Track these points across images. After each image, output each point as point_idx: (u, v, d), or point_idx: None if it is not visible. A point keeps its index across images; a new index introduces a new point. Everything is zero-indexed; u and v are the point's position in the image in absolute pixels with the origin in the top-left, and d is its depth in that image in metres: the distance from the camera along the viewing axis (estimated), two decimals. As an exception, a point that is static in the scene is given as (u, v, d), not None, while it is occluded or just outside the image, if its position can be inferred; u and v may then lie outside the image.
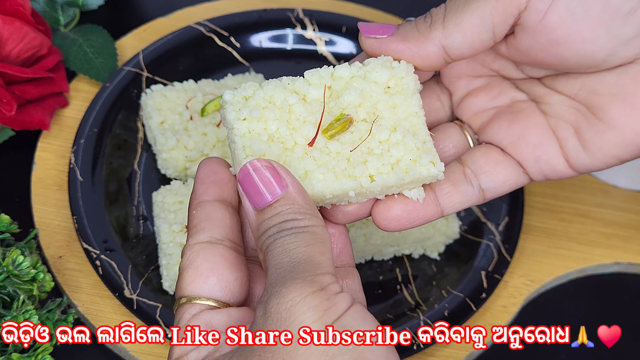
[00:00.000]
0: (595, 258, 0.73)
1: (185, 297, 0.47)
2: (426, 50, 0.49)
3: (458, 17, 0.48)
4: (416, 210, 0.52)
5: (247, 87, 0.50)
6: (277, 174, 0.46)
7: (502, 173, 0.54)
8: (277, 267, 0.44)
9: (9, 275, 0.58)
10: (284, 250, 0.44)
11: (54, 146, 0.74)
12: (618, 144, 0.51)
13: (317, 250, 0.45)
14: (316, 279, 0.43)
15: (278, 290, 0.43)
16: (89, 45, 0.79)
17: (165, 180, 0.73)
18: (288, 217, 0.46)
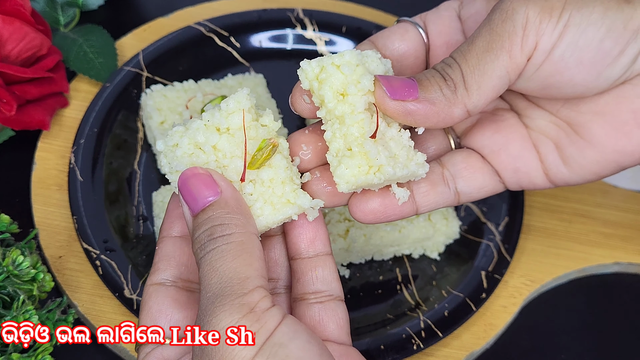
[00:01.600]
0: (595, 258, 0.73)
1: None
2: (452, 115, 0.49)
3: (479, 81, 0.49)
4: (393, 206, 0.53)
5: (174, 135, 0.51)
6: (212, 181, 0.49)
7: (480, 180, 0.55)
8: (206, 290, 0.46)
9: (9, 275, 0.58)
10: (211, 268, 0.46)
11: (54, 146, 0.74)
12: (598, 161, 0.53)
13: (243, 263, 0.46)
14: (244, 300, 0.45)
15: (209, 321, 0.45)
16: (89, 45, 0.79)
17: (165, 180, 0.73)
18: (217, 222, 0.48)
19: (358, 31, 0.82)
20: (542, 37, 0.48)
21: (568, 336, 0.70)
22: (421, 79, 0.50)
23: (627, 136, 0.51)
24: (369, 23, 0.82)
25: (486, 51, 0.48)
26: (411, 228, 0.69)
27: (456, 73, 0.49)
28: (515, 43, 0.48)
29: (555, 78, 0.50)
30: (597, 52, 0.48)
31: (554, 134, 0.54)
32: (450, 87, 0.49)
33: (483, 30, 0.49)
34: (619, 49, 0.48)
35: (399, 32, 0.56)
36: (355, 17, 0.83)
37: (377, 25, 0.82)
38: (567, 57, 0.49)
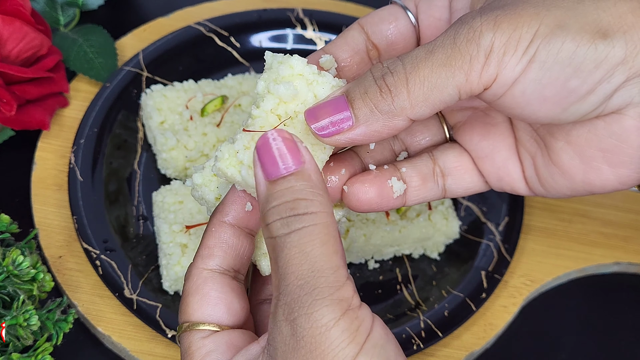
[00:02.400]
0: (595, 258, 0.73)
1: (193, 322, 0.48)
2: (395, 126, 0.47)
3: (426, 93, 0.46)
4: (388, 197, 0.52)
5: (207, 168, 0.50)
6: (296, 148, 0.45)
7: (468, 181, 0.54)
8: (297, 277, 0.43)
9: (9, 275, 0.58)
10: (301, 251, 0.43)
11: (54, 146, 0.74)
12: (568, 187, 0.51)
13: (331, 250, 0.44)
14: (341, 294, 0.43)
15: (308, 313, 0.42)
16: (89, 45, 0.79)
17: (165, 180, 0.73)
18: (300, 195, 0.44)
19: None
20: (503, 70, 0.45)
21: (568, 336, 0.70)
22: (354, 97, 0.47)
23: (595, 171, 0.49)
24: (369, 23, 0.82)
25: (443, 66, 0.46)
26: (411, 228, 0.69)
27: (398, 81, 0.46)
28: (474, 69, 0.45)
29: (516, 110, 0.47)
30: (561, 90, 0.46)
31: (532, 151, 0.52)
32: (386, 100, 0.46)
33: (446, 41, 0.46)
34: (586, 88, 0.45)
35: (389, 19, 0.54)
36: (355, 17, 0.83)
37: (377, 25, 0.82)
38: (528, 93, 0.46)
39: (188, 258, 0.66)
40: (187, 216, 0.68)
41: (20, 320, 0.57)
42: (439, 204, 0.71)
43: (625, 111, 0.46)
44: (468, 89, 0.46)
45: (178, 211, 0.68)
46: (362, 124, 0.46)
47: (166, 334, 0.64)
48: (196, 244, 0.66)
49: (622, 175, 0.49)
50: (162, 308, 0.65)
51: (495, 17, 0.45)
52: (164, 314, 0.65)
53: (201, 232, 0.67)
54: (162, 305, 0.65)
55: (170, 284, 0.66)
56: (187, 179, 0.73)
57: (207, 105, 0.74)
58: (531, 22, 0.45)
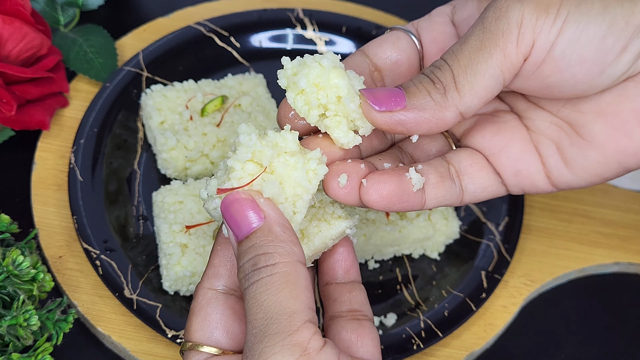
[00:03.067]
0: (595, 258, 0.73)
1: (192, 342, 0.49)
2: (445, 120, 0.48)
3: (471, 81, 0.47)
4: (408, 192, 0.51)
5: (212, 184, 0.50)
6: (255, 206, 0.47)
7: (484, 179, 0.54)
8: (252, 325, 0.45)
9: (9, 275, 0.58)
10: (256, 301, 0.45)
11: (54, 146, 0.74)
12: (601, 162, 0.51)
13: (288, 296, 0.45)
14: (294, 339, 0.43)
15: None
16: (89, 45, 0.79)
17: (165, 180, 0.73)
18: (260, 251, 0.46)
19: (358, 31, 0.82)
20: (539, 34, 0.46)
21: (568, 336, 0.70)
22: (408, 86, 0.48)
23: (628, 136, 0.50)
24: (369, 23, 0.82)
25: (479, 50, 0.47)
26: (411, 228, 0.69)
27: (446, 75, 0.48)
28: (510, 41, 0.46)
29: (556, 77, 0.48)
30: (599, 48, 0.47)
31: (555, 135, 0.52)
32: (439, 90, 0.47)
33: (476, 29, 0.47)
34: (621, 45, 0.47)
35: (390, 40, 0.55)
36: (355, 17, 0.83)
37: (377, 25, 0.82)
38: (568, 54, 0.47)
39: (188, 258, 0.66)
40: (187, 216, 0.68)
41: (20, 320, 0.57)
42: (439, 204, 0.71)
43: None
44: (509, 65, 0.47)
45: (178, 211, 0.68)
46: (414, 107, 0.48)
47: (166, 334, 0.64)
48: (196, 244, 0.66)
49: None
50: (162, 308, 0.65)
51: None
52: (164, 314, 0.65)
53: (201, 232, 0.67)
54: (162, 305, 0.65)
55: (170, 284, 0.66)
56: (187, 178, 0.73)
57: (207, 105, 0.74)
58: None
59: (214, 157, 0.72)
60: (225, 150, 0.72)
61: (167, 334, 0.64)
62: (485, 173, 0.54)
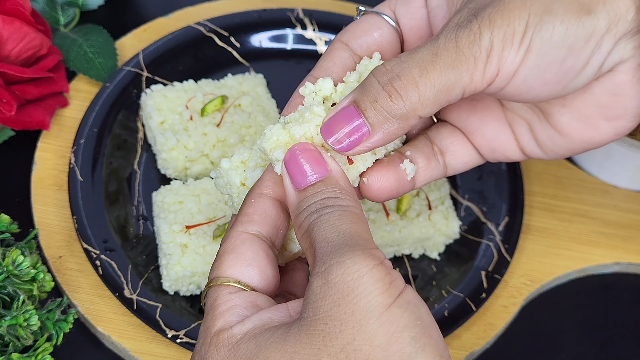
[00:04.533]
0: (595, 258, 0.73)
1: (224, 278, 0.47)
2: (408, 126, 0.48)
3: (437, 95, 0.47)
4: (403, 181, 0.53)
5: (242, 152, 0.51)
6: (321, 159, 0.48)
7: (465, 154, 0.56)
8: (327, 241, 0.44)
9: (9, 275, 0.58)
10: (330, 225, 0.45)
11: (54, 146, 0.74)
12: (568, 148, 0.54)
13: (362, 229, 0.45)
14: (373, 252, 0.44)
15: (340, 261, 0.43)
16: (89, 45, 0.79)
17: (165, 180, 0.73)
18: (330, 194, 0.46)
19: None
20: (504, 64, 0.47)
21: (568, 336, 0.70)
22: (365, 106, 0.48)
23: (593, 128, 0.52)
24: (369, 23, 0.82)
25: (451, 68, 0.47)
26: (411, 228, 0.69)
27: (409, 85, 0.47)
28: (478, 69, 0.47)
29: (519, 97, 0.50)
30: (559, 71, 0.48)
31: (528, 117, 0.54)
32: (398, 104, 0.47)
33: (448, 45, 0.47)
34: (582, 63, 0.48)
35: (370, 30, 0.55)
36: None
37: (377, 25, 0.82)
38: (529, 80, 0.48)
39: (188, 258, 0.66)
40: (187, 216, 0.68)
41: (20, 320, 0.57)
42: (439, 204, 0.72)
43: (616, 68, 0.50)
44: (472, 88, 0.48)
45: (178, 211, 0.68)
46: (378, 130, 0.48)
47: (166, 334, 0.64)
48: (196, 244, 0.66)
49: (618, 126, 0.52)
50: (162, 308, 0.65)
51: (489, 16, 0.47)
52: (164, 314, 0.65)
53: (201, 232, 0.67)
54: (162, 305, 0.65)
55: (170, 284, 0.66)
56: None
57: (207, 105, 0.74)
58: (521, 14, 0.47)
59: (214, 157, 0.72)
60: (225, 150, 0.72)
61: (167, 334, 0.64)
62: (465, 149, 0.56)
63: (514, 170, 0.75)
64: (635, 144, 0.73)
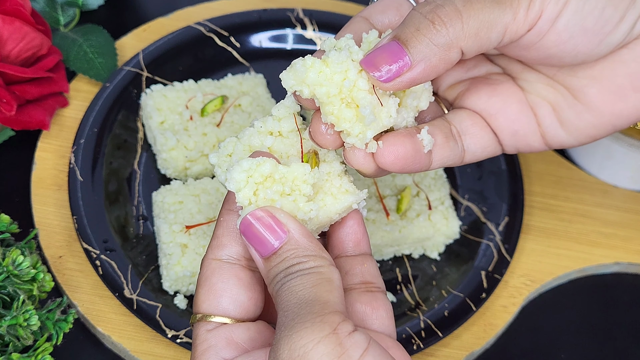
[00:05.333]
0: (595, 258, 0.73)
1: (201, 314, 0.48)
2: (450, 60, 0.48)
3: (479, 27, 0.47)
4: (420, 154, 0.51)
5: (227, 145, 0.50)
6: (277, 221, 0.47)
7: (485, 138, 0.54)
8: (284, 310, 0.44)
9: (9, 275, 0.58)
10: (290, 292, 0.44)
11: (54, 146, 0.74)
12: (595, 125, 0.53)
13: (323, 289, 0.44)
14: (325, 319, 0.42)
15: (288, 335, 0.42)
16: (89, 45, 0.79)
17: (165, 180, 0.73)
18: (293, 261, 0.46)
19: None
20: (547, 5, 0.48)
21: (568, 336, 0.70)
22: (406, 38, 0.47)
23: (623, 100, 0.52)
24: (369, 23, 0.82)
25: (495, 3, 0.47)
26: (411, 228, 0.70)
27: (453, 13, 0.47)
28: (522, 6, 0.48)
29: (559, 47, 0.49)
30: (599, 19, 0.48)
31: (551, 97, 0.54)
32: (441, 31, 0.47)
33: None
34: (619, 15, 0.49)
35: (394, 5, 0.54)
36: (355, 17, 0.83)
37: (377, 25, 0.82)
38: (571, 26, 0.48)
39: (188, 258, 0.66)
40: (187, 216, 0.68)
41: (20, 320, 0.57)
42: (439, 204, 0.72)
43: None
44: (514, 29, 0.48)
45: (178, 211, 0.68)
46: (420, 60, 0.47)
47: (166, 334, 0.64)
48: (196, 244, 0.66)
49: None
50: (162, 308, 0.65)
51: None
52: (164, 314, 0.65)
53: (201, 232, 0.67)
54: (162, 305, 0.65)
55: (170, 284, 0.66)
56: (187, 178, 0.73)
57: (207, 105, 0.74)
58: None
59: (214, 157, 0.72)
60: (225, 150, 0.72)
61: (167, 334, 0.64)
62: (485, 133, 0.54)
63: (514, 170, 0.75)
64: (635, 143, 0.73)
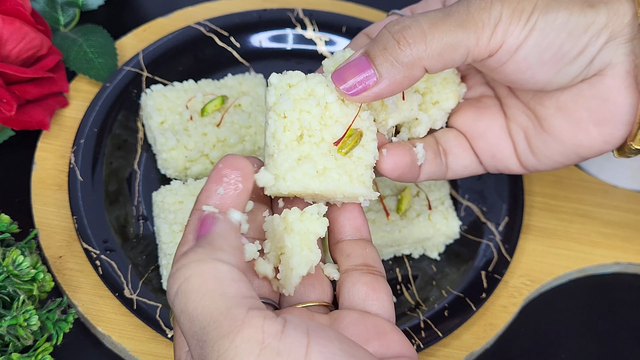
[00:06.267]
0: (595, 258, 0.73)
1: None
2: (414, 77, 0.51)
3: (443, 49, 0.50)
4: (414, 165, 0.56)
5: (293, 75, 0.53)
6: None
7: (466, 159, 0.59)
8: (192, 342, 0.40)
9: (9, 275, 0.59)
10: (185, 317, 0.41)
11: (54, 146, 0.74)
12: (561, 153, 0.57)
13: (214, 295, 0.40)
14: (245, 335, 0.38)
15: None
16: (89, 45, 0.79)
17: (165, 180, 0.73)
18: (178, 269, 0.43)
19: (358, 31, 0.82)
20: (508, 37, 0.51)
21: (568, 336, 0.70)
22: (375, 54, 0.51)
23: (584, 132, 0.55)
24: (369, 23, 0.82)
25: (460, 27, 0.50)
26: (411, 228, 0.69)
27: (418, 34, 0.50)
28: (485, 34, 0.51)
29: (517, 75, 0.53)
30: (556, 53, 0.52)
31: (524, 124, 0.58)
32: (404, 51, 0.50)
33: (460, 9, 0.51)
34: (577, 50, 0.52)
35: None
36: (355, 17, 0.83)
37: (377, 25, 0.82)
38: (529, 58, 0.52)
39: (188, 258, 0.66)
40: (187, 216, 0.68)
41: (20, 320, 0.57)
42: (439, 204, 0.72)
43: (606, 72, 0.53)
44: (476, 53, 0.51)
45: (178, 211, 0.68)
46: (385, 77, 0.51)
47: (166, 334, 0.64)
48: (196, 244, 0.66)
49: (606, 133, 0.55)
50: (162, 308, 0.65)
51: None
52: (164, 314, 0.65)
53: (201, 232, 0.67)
54: (162, 305, 0.65)
55: (170, 284, 0.66)
56: (187, 178, 0.73)
57: (207, 105, 0.74)
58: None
59: (214, 157, 0.72)
60: (225, 150, 0.72)
61: (167, 334, 0.64)
62: (467, 154, 0.59)
63: (514, 170, 0.75)
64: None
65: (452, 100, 0.58)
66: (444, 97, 0.58)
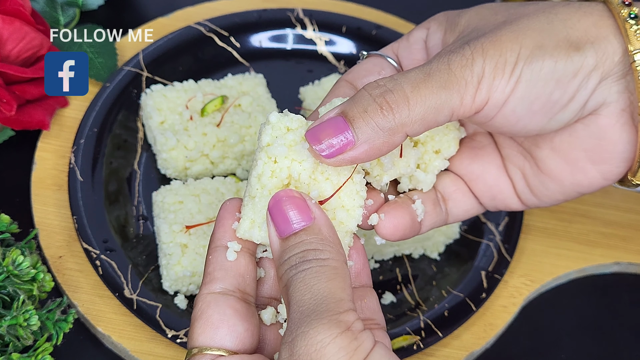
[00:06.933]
0: (595, 258, 0.73)
1: (197, 347, 0.48)
2: (394, 143, 0.48)
3: (426, 113, 0.48)
4: (415, 222, 0.54)
5: (294, 119, 0.49)
6: (306, 206, 0.47)
7: (466, 203, 0.57)
8: (299, 305, 0.44)
9: (9, 275, 0.58)
10: (305, 285, 0.45)
11: (54, 146, 0.74)
12: (560, 192, 0.55)
13: (337, 286, 0.45)
14: (341, 317, 0.43)
15: (305, 331, 0.43)
16: (89, 45, 0.79)
17: (165, 180, 0.73)
18: (310, 246, 0.46)
19: (358, 31, 0.82)
20: (494, 93, 0.49)
21: (568, 336, 0.70)
22: (354, 116, 0.47)
23: (582, 172, 0.53)
24: (369, 23, 0.82)
25: (442, 88, 0.48)
26: (411, 228, 0.69)
27: (401, 99, 0.47)
28: (469, 92, 0.48)
29: (507, 127, 0.51)
30: (546, 102, 0.49)
31: (521, 164, 0.56)
32: (387, 117, 0.47)
33: (441, 67, 0.48)
34: (568, 97, 0.50)
35: (375, 69, 0.56)
36: (355, 17, 0.83)
37: (377, 25, 0.82)
38: (518, 110, 0.50)
39: (188, 258, 0.66)
40: (187, 216, 0.68)
41: (20, 320, 0.57)
42: (439, 204, 0.72)
43: (600, 111, 0.51)
44: (461, 112, 0.49)
45: (178, 211, 0.68)
46: (364, 142, 0.47)
47: (166, 334, 0.64)
48: (196, 244, 0.66)
49: (605, 171, 0.53)
50: (162, 308, 0.65)
51: (482, 45, 0.49)
52: (164, 314, 0.65)
53: (201, 232, 0.67)
54: (162, 305, 0.65)
55: (170, 284, 0.66)
56: (187, 178, 0.72)
57: (207, 105, 0.74)
58: (513, 46, 0.49)
59: (214, 157, 0.72)
60: (225, 150, 0.72)
61: (167, 334, 0.64)
62: (467, 198, 0.57)
63: (514, 170, 0.75)
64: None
65: (453, 147, 0.55)
66: (445, 145, 0.55)
